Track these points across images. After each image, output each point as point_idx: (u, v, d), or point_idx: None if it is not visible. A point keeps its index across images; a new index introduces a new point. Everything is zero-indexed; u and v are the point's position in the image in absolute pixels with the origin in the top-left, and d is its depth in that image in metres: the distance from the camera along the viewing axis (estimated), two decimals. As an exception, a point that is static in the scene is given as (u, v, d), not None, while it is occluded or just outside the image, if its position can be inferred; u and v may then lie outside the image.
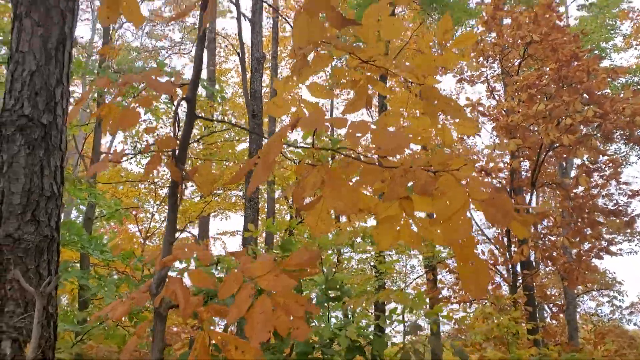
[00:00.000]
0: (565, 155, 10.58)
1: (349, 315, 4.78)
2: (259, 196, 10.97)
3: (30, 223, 2.91)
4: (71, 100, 3.28)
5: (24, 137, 2.95)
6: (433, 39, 18.92)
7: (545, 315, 17.03)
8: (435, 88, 2.48)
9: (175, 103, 2.13)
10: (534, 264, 12.86)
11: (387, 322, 4.60)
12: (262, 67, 10.92)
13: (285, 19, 18.43)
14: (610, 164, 11.31)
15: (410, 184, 1.97)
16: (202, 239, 14.20)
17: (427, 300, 9.04)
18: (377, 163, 1.97)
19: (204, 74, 20.24)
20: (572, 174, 14.79)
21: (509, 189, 11.95)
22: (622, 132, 11.38)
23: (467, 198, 1.79)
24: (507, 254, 11.46)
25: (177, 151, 2.01)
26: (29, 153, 2.95)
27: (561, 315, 15.80)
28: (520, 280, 11.67)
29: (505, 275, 12.21)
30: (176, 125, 2.13)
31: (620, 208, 11.03)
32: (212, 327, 1.73)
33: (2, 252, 2.83)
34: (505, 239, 12.15)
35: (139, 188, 14.42)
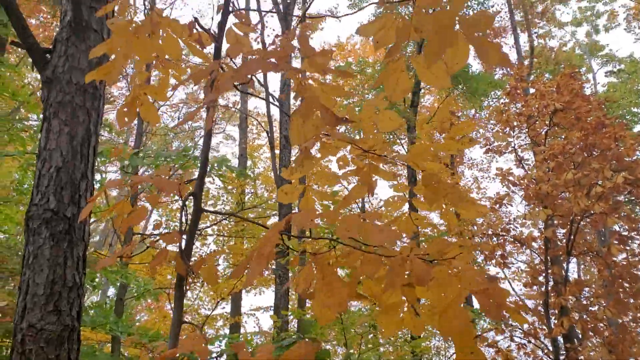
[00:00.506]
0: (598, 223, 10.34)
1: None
2: (290, 272, 10.98)
3: (52, 313, 3.01)
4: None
5: (49, 229, 3.11)
6: (462, 111, 19.17)
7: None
8: (435, 174, 2.54)
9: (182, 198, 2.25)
10: (580, 336, 12.33)
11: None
12: (290, 144, 11.20)
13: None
14: (646, 231, 10.98)
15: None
16: (234, 316, 14.13)
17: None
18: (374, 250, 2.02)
19: (236, 151, 20.81)
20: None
21: (544, 258, 11.66)
22: (655, 197, 11.11)
23: (460, 290, 1.81)
24: (547, 326, 11.04)
25: (183, 246, 2.10)
26: (53, 245, 3.09)
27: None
28: (564, 354, 11.16)
29: (551, 349, 11.72)
30: (183, 218, 2.24)
31: (663, 276, 10.59)
32: None
33: (25, 343, 2.92)
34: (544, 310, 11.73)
35: (172, 265, 14.49)
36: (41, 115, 3.41)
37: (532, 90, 12.14)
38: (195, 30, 2.17)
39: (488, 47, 1.86)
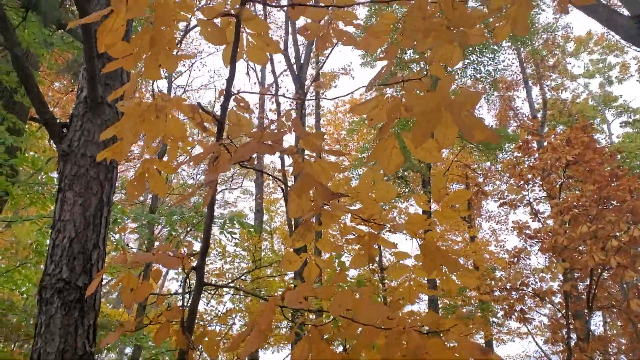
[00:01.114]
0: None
1: None
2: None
3: (62, 382, 3.06)
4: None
5: (61, 299, 3.19)
6: (483, 164, 19.21)
7: None
8: (433, 242, 2.59)
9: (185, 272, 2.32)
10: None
11: None
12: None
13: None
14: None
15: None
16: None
17: None
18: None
19: (254, 205, 20.97)
20: None
21: (565, 313, 11.42)
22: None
23: (454, 362, 1.84)
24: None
25: (184, 321, 2.16)
26: (64, 314, 3.17)
27: None
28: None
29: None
30: (185, 291, 2.31)
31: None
32: None
33: (34, 413, 2.96)
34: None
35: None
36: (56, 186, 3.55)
37: (545, 143, 12.22)
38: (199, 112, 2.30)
39: (473, 126, 1.94)
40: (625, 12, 6.51)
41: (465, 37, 2.40)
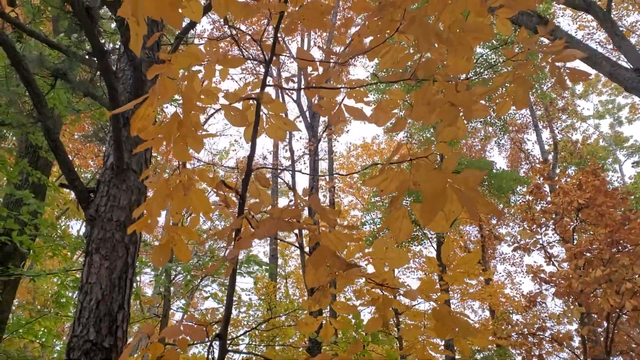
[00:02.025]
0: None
1: None
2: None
3: None
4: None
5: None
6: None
7: None
8: (444, 306, 2.71)
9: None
10: None
11: None
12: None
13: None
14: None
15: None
16: None
17: None
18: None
19: (268, 250, 21.06)
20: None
21: (584, 358, 11.28)
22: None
23: None
24: None
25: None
26: (91, 375, 3.30)
27: None
28: None
29: None
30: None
31: None
32: None
33: None
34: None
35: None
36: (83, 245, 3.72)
37: (557, 186, 12.29)
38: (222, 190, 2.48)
39: (476, 203, 2.10)
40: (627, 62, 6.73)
41: (469, 112, 2.58)
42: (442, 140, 2.44)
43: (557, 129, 19.68)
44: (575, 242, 10.83)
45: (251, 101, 2.52)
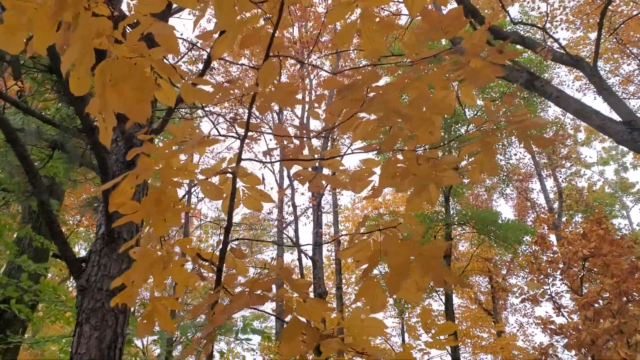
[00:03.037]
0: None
1: None
2: None
3: None
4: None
5: None
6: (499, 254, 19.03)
7: None
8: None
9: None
10: None
11: None
12: (326, 300, 11.34)
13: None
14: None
15: None
16: None
17: None
18: None
19: (274, 305, 20.83)
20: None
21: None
22: None
23: None
24: None
25: None
26: None
27: None
28: None
29: None
30: None
31: None
32: None
33: None
34: None
35: None
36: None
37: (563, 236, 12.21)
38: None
39: (442, 274, 2.16)
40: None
41: (440, 179, 2.66)
42: (410, 211, 2.50)
43: (561, 177, 19.72)
44: (585, 291, 10.67)
45: (228, 175, 2.62)
